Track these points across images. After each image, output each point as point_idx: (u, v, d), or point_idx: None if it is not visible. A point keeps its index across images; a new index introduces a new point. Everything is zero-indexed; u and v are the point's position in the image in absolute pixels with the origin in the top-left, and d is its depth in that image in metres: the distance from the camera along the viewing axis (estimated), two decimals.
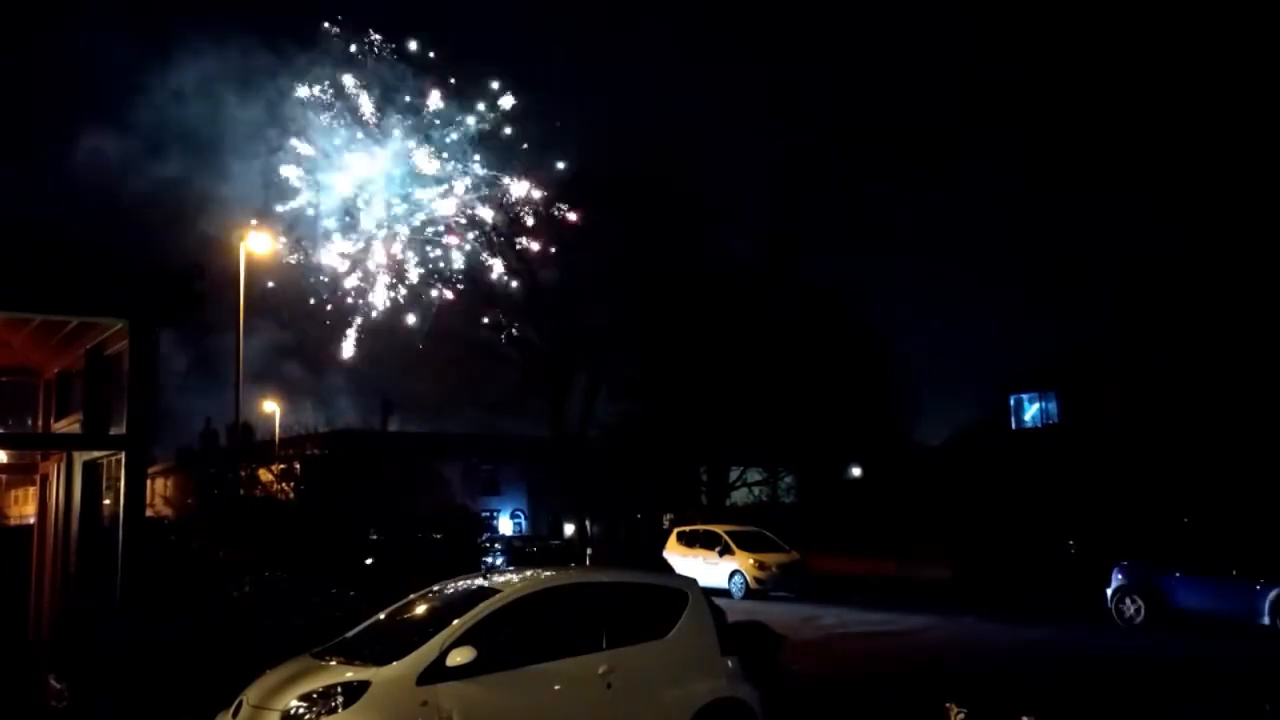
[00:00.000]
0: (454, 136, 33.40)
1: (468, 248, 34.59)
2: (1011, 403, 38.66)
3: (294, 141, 31.65)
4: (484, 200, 34.35)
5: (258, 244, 25.06)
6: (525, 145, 34.15)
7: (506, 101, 33.28)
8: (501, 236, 35.29)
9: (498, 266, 35.73)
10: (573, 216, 35.52)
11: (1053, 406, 37.33)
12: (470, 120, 33.19)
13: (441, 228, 34.07)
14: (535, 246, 35.86)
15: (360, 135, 32.38)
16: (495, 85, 33.36)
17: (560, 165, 34.84)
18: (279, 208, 31.53)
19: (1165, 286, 32.36)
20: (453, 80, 32.88)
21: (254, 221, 27.28)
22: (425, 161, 33.21)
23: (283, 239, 30.94)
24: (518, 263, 36.00)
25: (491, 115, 33.23)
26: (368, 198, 33.05)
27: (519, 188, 34.45)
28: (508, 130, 33.66)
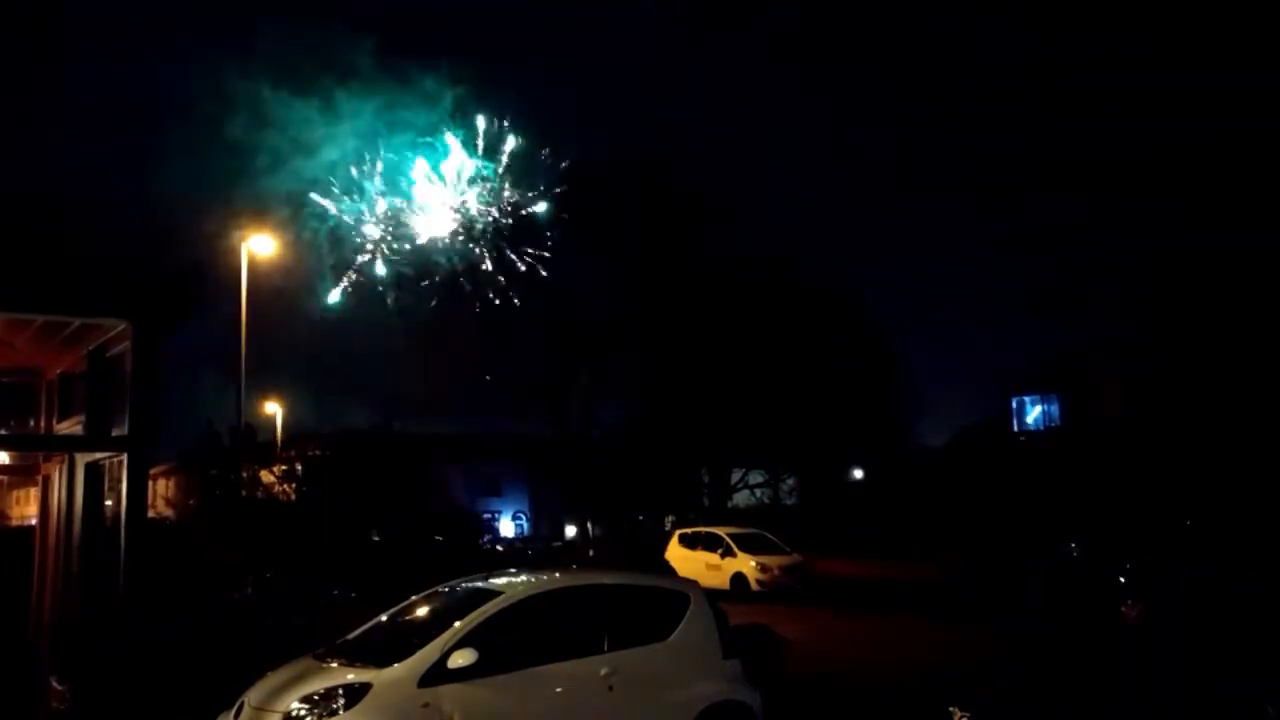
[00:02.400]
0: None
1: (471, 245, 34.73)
2: (1013, 405, 38.67)
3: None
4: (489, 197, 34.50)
5: (260, 245, 25.00)
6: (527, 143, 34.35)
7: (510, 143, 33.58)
8: (506, 235, 35.37)
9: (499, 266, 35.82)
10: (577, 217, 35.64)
11: (1055, 408, 37.33)
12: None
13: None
14: (538, 246, 35.96)
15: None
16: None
17: (566, 163, 34.94)
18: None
19: (1167, 287, 32.36)
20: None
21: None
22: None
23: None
24: (520, 262, 36.04)
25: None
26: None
27: (521, 189, 34.59)
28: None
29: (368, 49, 32.81)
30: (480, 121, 34.11)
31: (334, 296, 33.35)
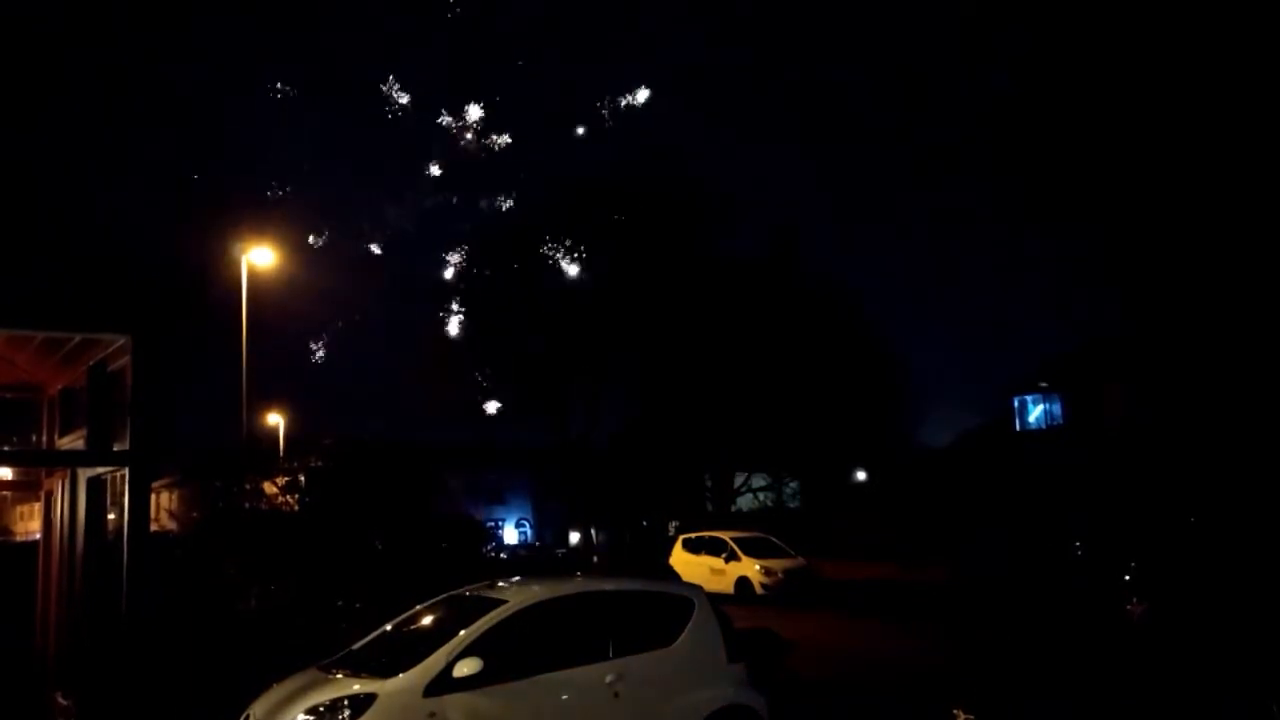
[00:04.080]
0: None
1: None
2: (1015, 405, 38.61)
3: None
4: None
5: (260, 257, 25.03)
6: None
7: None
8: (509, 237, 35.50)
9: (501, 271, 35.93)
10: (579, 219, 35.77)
11: (1056, 408, 37.28)
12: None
13: None
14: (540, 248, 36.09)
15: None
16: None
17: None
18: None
19: (1169, 284, 32.32)
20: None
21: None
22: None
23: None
24: (521, 265, 36.14)
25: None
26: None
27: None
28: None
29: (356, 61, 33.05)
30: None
31: None
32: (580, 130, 34.89)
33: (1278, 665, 12.79)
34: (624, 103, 33.92)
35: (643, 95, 33.94)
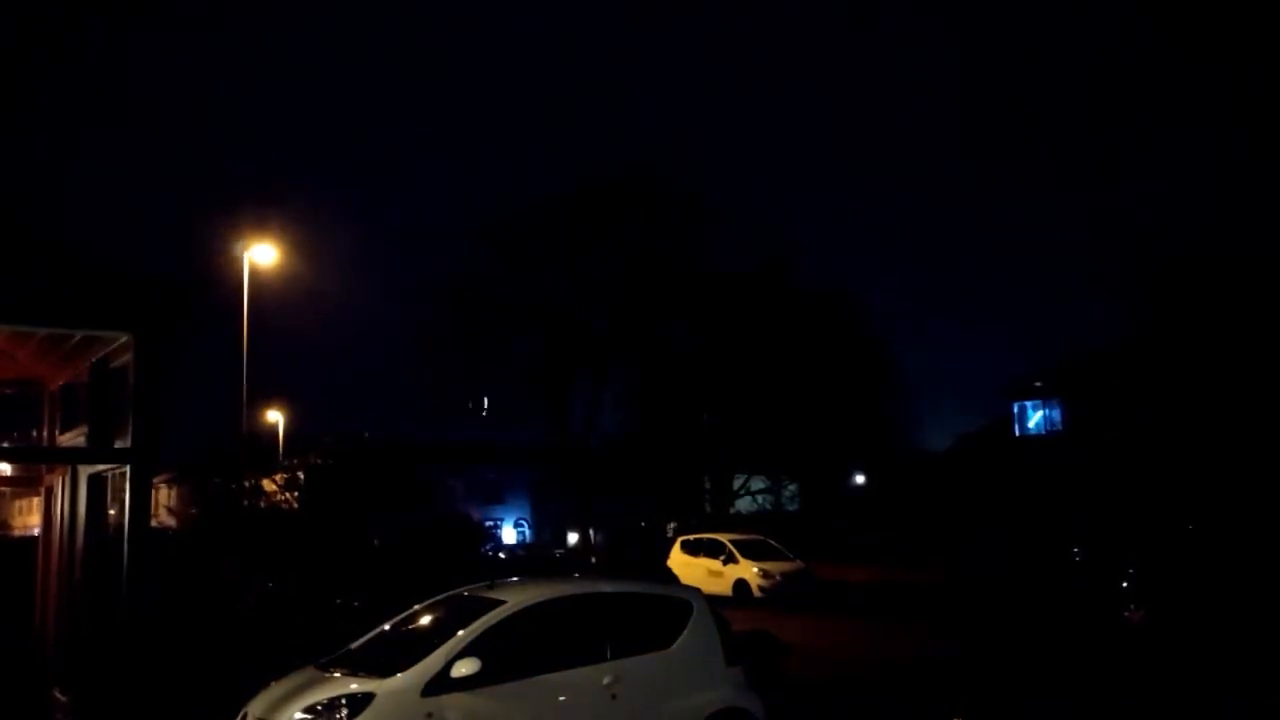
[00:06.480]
0: None
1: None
2: (1015, 410, 38.61)
3: None
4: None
5: (262, 255, 25.01)
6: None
7: None
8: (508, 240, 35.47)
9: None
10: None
11: (1056, 414, 37.28)
12: None
13: None
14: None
15: None
16: None
17: None
18: None
19: (1169, 289, 32.35)
20: None
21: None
22: None
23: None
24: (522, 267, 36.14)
25: None
26: None
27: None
28: None
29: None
30: None
31: None
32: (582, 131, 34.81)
33: (1275, 670, 12.82)
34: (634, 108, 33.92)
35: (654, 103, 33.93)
